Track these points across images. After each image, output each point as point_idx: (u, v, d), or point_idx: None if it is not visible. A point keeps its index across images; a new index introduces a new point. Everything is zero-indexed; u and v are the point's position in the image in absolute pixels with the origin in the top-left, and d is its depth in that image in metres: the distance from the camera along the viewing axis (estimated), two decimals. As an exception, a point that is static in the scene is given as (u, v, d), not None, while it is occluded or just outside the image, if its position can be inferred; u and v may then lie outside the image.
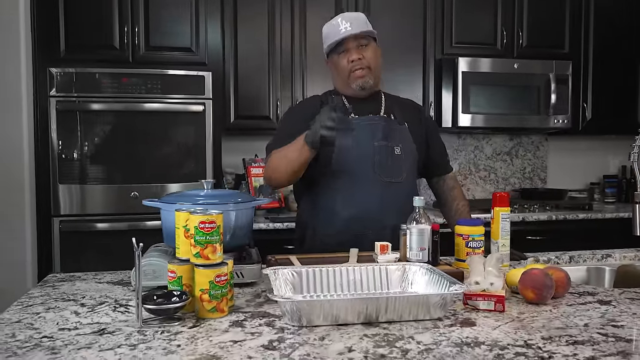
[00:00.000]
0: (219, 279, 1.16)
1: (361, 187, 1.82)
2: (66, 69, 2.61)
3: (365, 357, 0.92)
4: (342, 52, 1.83)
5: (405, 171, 1.89)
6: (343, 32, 1.78)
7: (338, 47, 1.83)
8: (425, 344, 0.99)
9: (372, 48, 1.85)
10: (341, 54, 1.84)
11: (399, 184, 1.86)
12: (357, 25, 1.80)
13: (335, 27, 1.81)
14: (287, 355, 0.94)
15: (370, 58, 1.83)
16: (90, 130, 2.65)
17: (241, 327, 1.09)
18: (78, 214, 2.66)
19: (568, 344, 0.98)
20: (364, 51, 1.82)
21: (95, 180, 2.67)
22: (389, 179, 1.85)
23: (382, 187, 1.83)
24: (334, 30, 1.81)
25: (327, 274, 1.34)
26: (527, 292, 1.25)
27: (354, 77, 1.84)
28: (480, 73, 3.31)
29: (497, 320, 1.12)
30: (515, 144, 3.85)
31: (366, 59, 1.82)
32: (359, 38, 1.81)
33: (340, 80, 1.89)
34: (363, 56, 1.82)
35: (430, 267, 1.32)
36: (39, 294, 1.36)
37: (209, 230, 1.17)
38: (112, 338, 1.03)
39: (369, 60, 1.83)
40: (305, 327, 1.08)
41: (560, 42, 3.49)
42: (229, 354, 0.94)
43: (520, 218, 3.12)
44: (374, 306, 1.10)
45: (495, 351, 0.95)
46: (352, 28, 1.79)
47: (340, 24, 1.79)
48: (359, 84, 1.85)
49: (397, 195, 1.83)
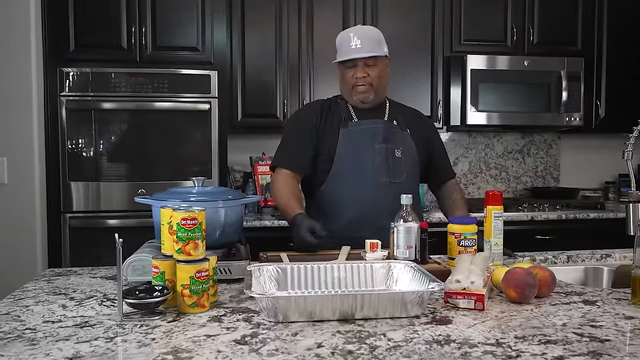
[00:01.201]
0: (199, 275, 1.18)
1: (361, 188, 1.87)
2: (75, 69, 2.67)
3: (333, 353, 0.93)
4: (350, 67, 1.89)
5: (406, 172, 1.94)
6: (353, 49, 1.84)
7: (346, 61, 1.89)
8: (396, 341, 0.99)
9: (379, 67, 1.90)
10: (348, 67, 1.90)
11: (399, 185, 1.89)
12: (367, 46, 1.84)
13: (346, 41, 1.86)
14: (255, 350, 0.95)
15: (374, 77, 1.89)
16: (98, 128, 2.71)
17: (219, 322, 1.11)
18: (87, 211, 2.72)
19: (540, 343, 0.97)
20: (370, 70, 1.88)
21: (104, 177, 2.73)
22: (389, 180, 1.90)
23: (382, 188, 1.87)
24: (345, 45, 1.87)
25: (312, 271, 1.36)
26: (509, 291, 1.24)
27: (356, 92, 1.91)
28: (490, 70, 3.28)
29: (475, 319, 1.12)
30: (527, 142, 3.80)
31: (370, 77, 1.89)
32: (367, 57, 1.86)
33: (345, 90, 1.95)
34: (368, 74, 1.88)
35: (415, 265, 1.32)
36: (33, 288, 1.40)
37: (190, 226, 1.19)
38: (92, 331, 1.05)
39: (373, 79, 1.89)
40: (281, 323, 1.09)
41: (573, 39, 3.43)
42: (200, 347, 0.96)
43: (529, 217, 3.08)
44: (349, 303, 1.10)
45: (464, 349, 0.95)
46: (362, 47, 1.84)
47: (352, 39, 1.85)
48: (360, 99, 1.92)
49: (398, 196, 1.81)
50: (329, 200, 1.90)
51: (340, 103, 1.99)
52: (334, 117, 1.95)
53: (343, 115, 1.95)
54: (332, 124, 1.94)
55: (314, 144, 1.91)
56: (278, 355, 0.93)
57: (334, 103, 2.01)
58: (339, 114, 1.95)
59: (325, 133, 1.92)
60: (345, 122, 1.93)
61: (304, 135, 1.93)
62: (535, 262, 1.80)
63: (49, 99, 2.66)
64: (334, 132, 1.92)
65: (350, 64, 1.88)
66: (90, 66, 2.69)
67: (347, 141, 1.90)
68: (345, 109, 1.97)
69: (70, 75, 2.67)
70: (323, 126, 1.93)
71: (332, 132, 1.92)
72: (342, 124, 1.92)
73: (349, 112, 1.96)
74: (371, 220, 1.80)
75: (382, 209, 1.78)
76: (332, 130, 1.92)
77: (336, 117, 1.95)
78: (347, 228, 1.82)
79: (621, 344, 0.97)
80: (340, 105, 1.98)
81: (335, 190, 1.89)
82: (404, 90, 3.26)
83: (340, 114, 1.95)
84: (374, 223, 1.78)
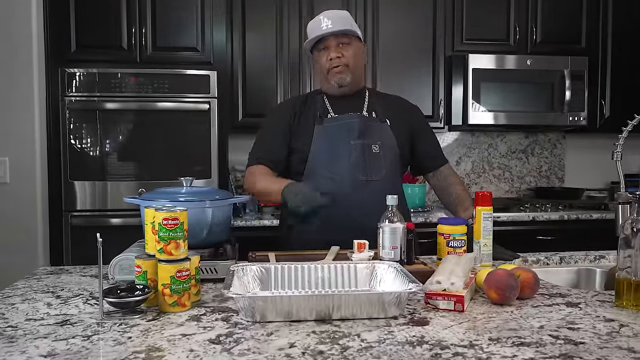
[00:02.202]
0: (180, 274, 1.19)
1: (337, 187, 1.78)
2: (77, 69, 2.71)
3: (304, 353, 0.94)
4: (323, 50, 1.86)
5: (385, 168, 1.87)
6: (324, 29, 1.80)
7: (319, 44, 1.86)
8: (369, 341, 0.99)
9: (353, 47, 1.86)
10: (321, 51, 1.87)
11: (376, 182, 1.84)
12: (338, 24, 1.81)
13: (317, 24, 1.83)
14: (228, 349, 0.96)
15: (349, 57, 1.85)
16: (100, 128, 2.74)
17: (197, 322, 1.12)
18: (88, 210, 2.76)
19: (513, 345, 0.97)
20: (344, 50, 1.84)
21: (105, 177, 2.76)
22: (366, 178, 1.84)
23: (359, 186, 1.82)
24: (315, 27, 1.83)
25: (296, 271, 1.36)
26: (490, 292, 1.24)
27: (332, 74, 1.86)
28: (492, 70, 3.26)
29: (453, 320, 1.12)
30: (531, 141, 3.77)
31: (345, 57, 1.84)
32: (339, 36, 1.82)
33: (321, 76, 1.91)
34: (342, 54, 1.84)
35: (398, 266, 1.32)
36: (22, 286, 1.42)
37: (172, 226, 1.20)
38: (71, 329, 1.07)
39: (348, 59, 1.85)
40: (259, 323, 1.10)
41: (577, 37, 3.40)
42: (174, 346, 0.97)
43: (531, 217, 3.06)
44: (326, 304, 1.11)
45: (435, 350, 0.95)
46: (333, 26, 1.80)
47: (322, 21, 1.81)
48: (337, 81, 1.87)
49: (375, 193, 1.76)
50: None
51: (316, 97, 1.94)
52: (309, 112, 1.90)
53: (318, 111, 1.89)
54: (307, 120, 1.88)
55: (287, 142, 1.87)
56: (249, 354, 0.93)
57: (310, 97, 1.96)
58: (314, 109, 1.90)
59: (299, 130, 1.87)
60: (321, 119, 1.87)
61: (277, 133, 1.88)
62: (526, 263, 1.79)
63: (50, 99, 2.69)
64: (308, 129, 1.86)
65: (322, 45, 1.85)
66: (92, 67, 2.73)
67: (321, 138, 1.84)
68: (321, 103, 1.92)
69: (72, 75, 2.70)
70: (297, 123, 1.88)
71: (306, 129, 1.87)
72: (317, 120, 1.87)
73: (325, 106, 1.91)
74: (348, 218, 1.75)
75: (358, 206, 1.75)
76: (306, 127, 1.87)
77: (312, 113, 1.89)
78: (323, 229, 1.71)
79: (595, 346, 0.97)
80: (316, 99, 1.93)
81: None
82: (405, 90, 3.24)
83: (316, 109, 1.90)
84: (350, 220, 1.74)
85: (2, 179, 2.62)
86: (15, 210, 2.62)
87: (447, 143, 3.67)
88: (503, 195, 3.74)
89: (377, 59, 3.25)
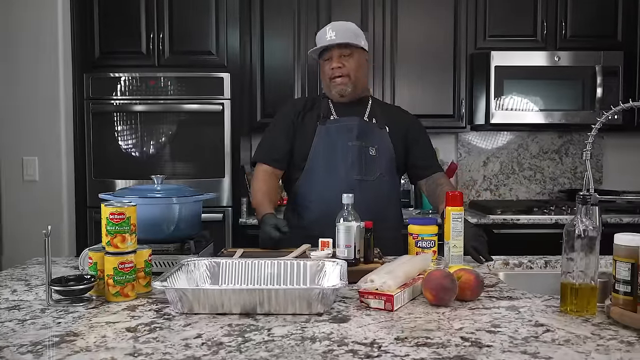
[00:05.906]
0: (122, 266, 1.25)
1: (331, 185, 1.89)
2: (100, 74, 2.88)
3: (203, 344, 0.97)
4: (327, 60, 1.94)
5: (380, 170, 1.95)
6: (328, 40, 1.89)
7: (324, 54, 1.94)
8: (274, 336, 1.01)
9: (355, 58, 1.93)
10: (326, 60, 1.95)
11: (371, 182, 1.93)
12: (341, 36, 1.89)
13: (322, 35, 1.92)
14: (136, 337, 1.01)
15: (350, 67, 1.92)
16: (121, 130, 2.89)
17: (130, 311, 1.18)
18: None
19: (414, 345, 0.96)
20: (346, 60, 1.91)
21: (125, 175, 2.91)
22: (361, 177, 1.92)
23: (353, 185, 1.87)
24: (321, 37, 1.93)
25: (246, 266, 1.40)
26: (427, 293, 1.22)
27: (334, 85, 1.95)
28: (517, 67, 3.14)
29: (374, 319, 1.11)
30: (566, 141, 3.60)
31: (346, 68, 1.92)
32: (342, 47, 1.90)
33: (325, 84, 2.00)
34: (344, 65, 1.91)
35: (342, 264, 1.32)
36: (6, 274, 1.54)
37: (118, 220, 1.27)
38: (15, 314, 1.16)
39: (349, 69, 1.92)
40: (185, 314, 1.15)
41: (611, 31, 3.21)
42: (90, 332, 1.03)
43: (553, 221, 2.94)
44: (250, 298, 1.13)
45: (331, 347, 0.95)
46: (337, 37, 1.88)
47: (327, 32, 1.90)
48: (337, 91, 1.95)
49: (367, 193, 1.89)
50: (302, 197, 1.95)
51: (323, 100, 2.03)
52: (314, 113, 2.00)
53: (322, 112, 1.98)
54: (310, 120, 1.98)
55: (290, 139, 1.97)
56: (151, 343, 0.98)
57: (318, 100, 2.05)
58: (319, 110, 2.00)
59: (302, 129, 1.97)
60: (324, 120, 1.97)
61: (281, 130, 1.99)
62: (507, 266, 1.73)
63: (76, 102, 2.87)
64: (311, 129, 1.96)
65: (326, 55, 1.93)
66: (113, 71, 2.89)
67: (321, 138, 1.94)
68: (326, 106, 2.01)
69: (96, 80, 2.88)
70: (301, 122, 1.98)
71: (309, 128, 1.97)
72: (320, 121, 1.97)
73: (329, 109, 2.00)
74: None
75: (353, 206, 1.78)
76: (310, 126, 1.97)
77: (316, 114, 1.99)
78: (316, 225, 1.83)
79: (499, 350, 0.94)
80: (322, 102, 2.03)
81: (307, 186, 1.93)
82: (425, 89, 3.21)
83: (321, 111, 1.99)
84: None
85: (32, 177, 2.82)
86: (43, 206, 2.81)
87: (472, 143, 3.57)
88: (534, 197, 3.59)
89: (395, 58, 3.21)
